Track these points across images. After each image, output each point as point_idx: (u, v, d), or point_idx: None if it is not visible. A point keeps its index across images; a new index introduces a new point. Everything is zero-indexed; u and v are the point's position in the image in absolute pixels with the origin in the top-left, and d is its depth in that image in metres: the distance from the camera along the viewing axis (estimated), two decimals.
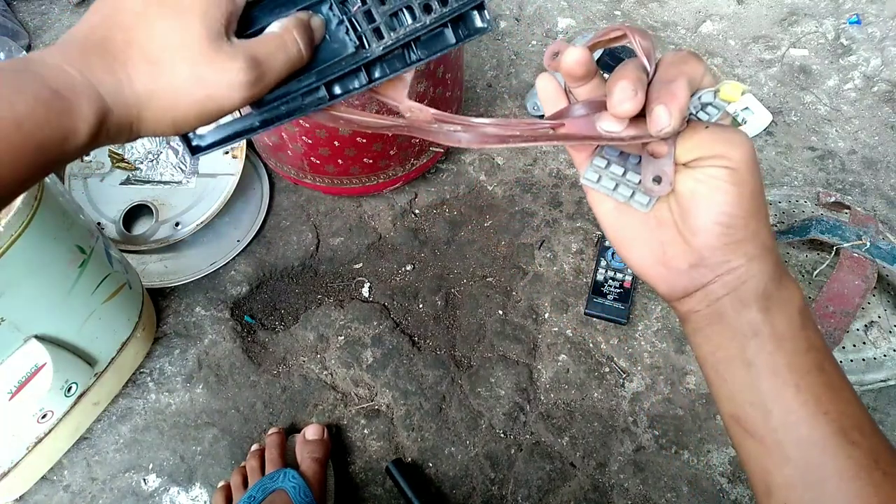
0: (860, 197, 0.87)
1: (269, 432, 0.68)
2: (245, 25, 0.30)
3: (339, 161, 0.76)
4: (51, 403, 0.61)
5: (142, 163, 0.85)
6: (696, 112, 0.29)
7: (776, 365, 0.30)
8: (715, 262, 0.30)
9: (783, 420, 0.29)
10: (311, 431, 0.67)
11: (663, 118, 0.27)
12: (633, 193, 0.32)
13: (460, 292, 0.80)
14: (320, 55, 0.32)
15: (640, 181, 0.31)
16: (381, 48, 0.32)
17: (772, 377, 0.30)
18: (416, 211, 0.88)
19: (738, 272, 0.30)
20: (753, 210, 0.29)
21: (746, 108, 0.93)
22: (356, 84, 0.33)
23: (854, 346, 0.70)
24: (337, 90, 0.33)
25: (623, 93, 0.27)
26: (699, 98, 0.29)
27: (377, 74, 0.33)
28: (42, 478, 0.67)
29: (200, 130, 0.33)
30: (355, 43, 0.32)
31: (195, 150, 0.33)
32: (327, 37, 0.32)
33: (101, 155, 0.85)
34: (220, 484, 0.65)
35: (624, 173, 0.32)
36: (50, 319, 0.57)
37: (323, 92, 0.32)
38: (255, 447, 0.67)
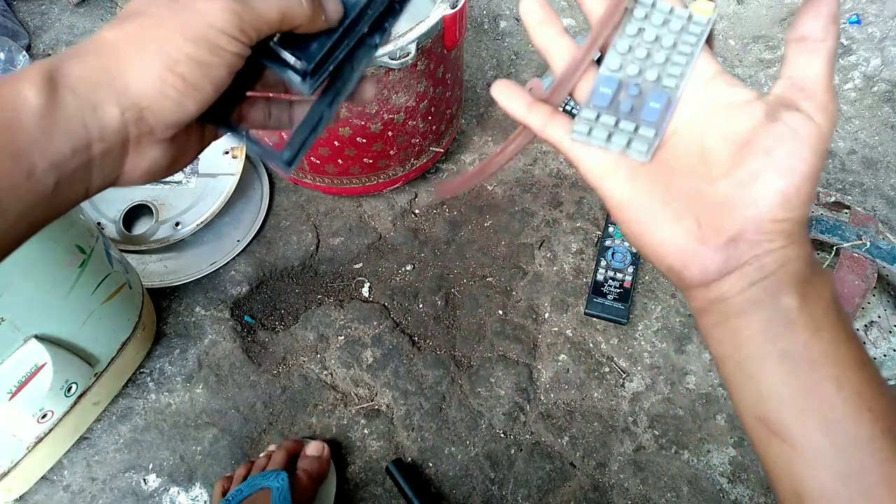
0: (860, 197, 0.87)
1: (286, 441, 0.68)
2: None
3: (339, 161, 0.76)
4: (51, 403, 0.61)
5: None
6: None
7: (814, 356, 0.26)
8: (756, 239, 0.26)
9: (821, 418, 0.26)
10: (312, 448, 0.66)
11: None
12: (629, 141, 0.29)
13: (460, 292, 0.80)
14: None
15: (635, 128, 0.29)
16: None
17: (809, 370, 0.26)
18: (416, 211, 0.88)
19: (778, 254, 0.26)
20: (813, 191, 0.27)
21: None
22: (367, 52, 0.32)
23: None
24: (361, 55, 0.32)
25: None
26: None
27: None
28: (42, 478, 0.67)
29: (286, 151, 0.32)
30: None
31: (289, 162, 0.32)
32: None
33: None
34: (227, 475, 0.65)
35: (616, 122, 0.29)
36: (50, 319, 0.57)
37: (370, 37, 0.32)
38: (271, 447, 0.67)
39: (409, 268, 0.83)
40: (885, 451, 0.25)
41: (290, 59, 0.29)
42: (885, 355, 0.69)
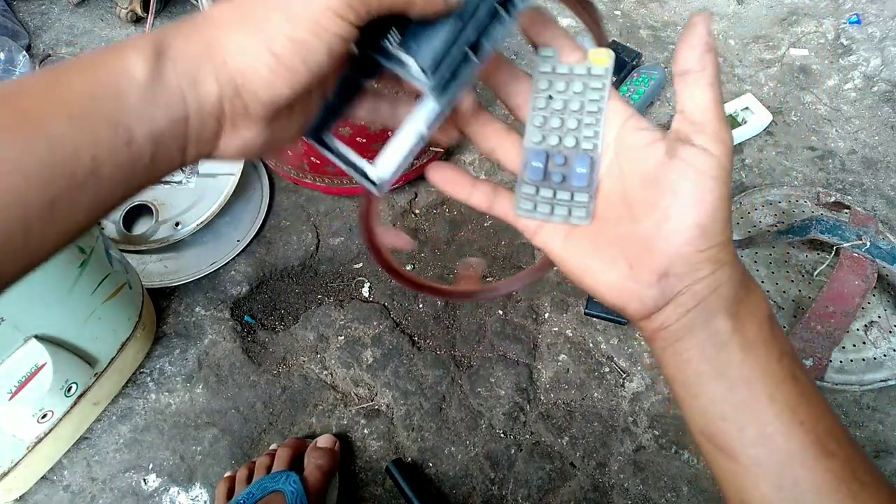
0: (860, 197, 0.87)
1: (289, 438, 0.68)
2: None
3: None
4: (51, 403, 0.61)
5: None
6: None
7: (748, 375, 0.28)
8: (683, 271, 0.28)
9: (758, 433, 0.28)
10: (322, 440, 0.67)
11: None
12: (570, 210, 0.31)
13: None
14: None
15: (571, 195, 0.31)
16: None
17: (744, 388, 0.28)
18: (416, 211, 0.88)
19: (708, 280, 0.28)
20: (728, 215, 0.28)
21: (746, 107, 0.92)
22: (500, 30, 0.28)
23: (854, 346, 0.70)
24: (485, 45, 0.28)
25: None
26: None
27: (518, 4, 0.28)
28: (42, 478, 0.67)
29: (378, 168, 0.30)
30: None
31: (381, 186, 0.30)
32: None
33: None
34: (226, 474, 0.65)
35: (554, 195, 0.31)
36: (50, 319, 0.57)
37: (471, 54, 0.28)
38: (272, 447, 0.67)
39: (409, 268, 0.83)
40: (815, 461, 0.27)
41: (408, 52, 0.27)
42: (885, 355, 0.69)
